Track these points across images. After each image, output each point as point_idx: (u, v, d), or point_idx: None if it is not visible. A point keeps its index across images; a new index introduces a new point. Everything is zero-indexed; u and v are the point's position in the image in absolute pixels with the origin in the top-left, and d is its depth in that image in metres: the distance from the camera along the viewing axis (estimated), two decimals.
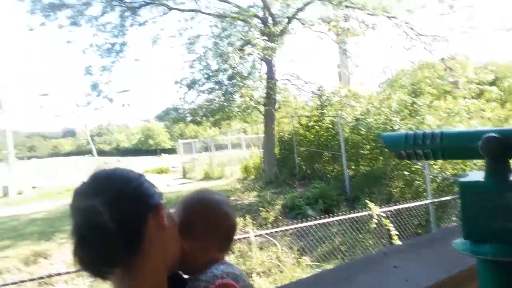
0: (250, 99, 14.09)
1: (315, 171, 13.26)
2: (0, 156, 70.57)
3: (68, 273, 6.92)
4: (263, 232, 7.04)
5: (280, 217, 10.03)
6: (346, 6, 12.42)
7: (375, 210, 7.01)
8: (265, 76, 14.23)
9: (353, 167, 11.86)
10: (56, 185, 29.30)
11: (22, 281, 6.86)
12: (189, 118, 15.62)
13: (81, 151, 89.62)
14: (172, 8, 14.10)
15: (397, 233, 6.95)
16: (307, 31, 13.72)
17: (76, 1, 13.63)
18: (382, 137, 0.90)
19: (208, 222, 1.18)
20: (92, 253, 0.91)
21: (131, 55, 14.77)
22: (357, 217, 7.13)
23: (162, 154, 65.79)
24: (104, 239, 0.89)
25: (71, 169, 46.95)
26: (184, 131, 57.79)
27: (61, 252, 9.36)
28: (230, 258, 6.55)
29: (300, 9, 13.17)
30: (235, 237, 1.26)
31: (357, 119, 11.83)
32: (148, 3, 13.82)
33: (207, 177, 20.15)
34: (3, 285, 6.42)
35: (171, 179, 22.86)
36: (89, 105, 14.88)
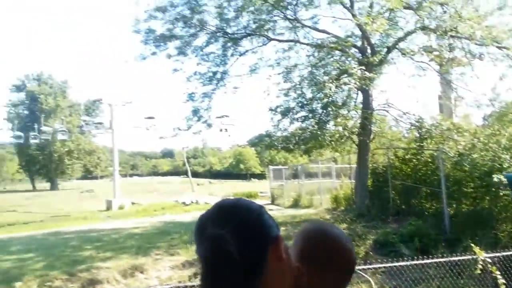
0: (344, 129, 13.94)
1: (411, 207, 12.59)
2: (106, 172, 76.26)
3: None
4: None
5: (371, 253, 9.66)
6: (452, 36, 11.96)
7: (481, 254, 6.49)
8: (361, 106, 14.06)
9: (454, 205, 11.13)
10: (153, 203, 31.01)
11: None
12: (281, 145, 15.77)
13: (177, 172, 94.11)
14: (272, 39, 14.60)
15: (504, 282, 6.37)
16: (408, 61, 13.40)
17: (184, 33, 14.63)
18: (507, 177, 0.89)
19: (330, 254, 1.20)
20: (219, 280, 0.96)
21: (230, 83, 15.37)
22: (458, 260, 6.69)
23: (252, 179, 66.95)
24: (231, 267, 0.95)
25: (167, 188, 49.51)
26: (274, 157, 58.38)
27: (156, 268, 9.83)
28: None
29: (401, 39, 12.93)
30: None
31: (460, 154, 11.17)
32: (249, 34, 14.45)
33: (295, 204, 20.11)
34: None
35: None
36: (189, 129, 15.75)
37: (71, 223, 21.58)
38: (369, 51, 13.32)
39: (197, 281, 8.16)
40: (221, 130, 26.48)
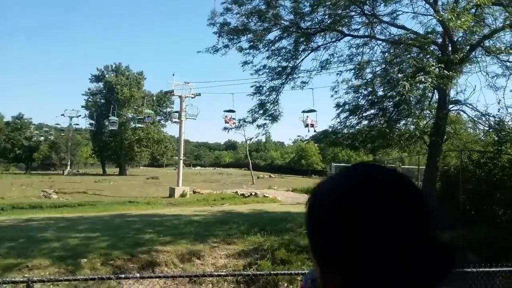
0: (416, 128, 13.27)
1: (482, 213, 11.91)
2: (171, 161, 78.88)
3: (218, 275, 7.30)
4: None
5: None
6: None
7: None
8: (435, 105, 13.31)
9: None
10: (213, 192, 31.56)
11: (179, 276, 7.41)
12: (346, 143, 15.30)
13: (239, 164, 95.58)
14: (346, 34, 14.16)
15: None
16: (492, 59, 12.49)
17: (257, 27, 14.54)
18: None
19: None
20: None
21: (300, 78, 15.11)
22: None
23: (313, 175, 66.28)
24: None
25: (228, 179, 50.28)
26: (337, 154, 57.50)
27: (212, 255, 9.92)
28: None
29: (486, 36, 12.03)
30: None
31: None
32: (323, 30, 14.07)
33: None
34: (164, 276, 6.92)
35: None
36: (255, 122, 15.70)
37: (136, 207, 22.42)
38: (450, 48, 12.55)
39: (251, 271, 8.11)
40: (306, 126, 25.93)
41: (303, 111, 26.34)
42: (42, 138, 71.93)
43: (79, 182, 40.96)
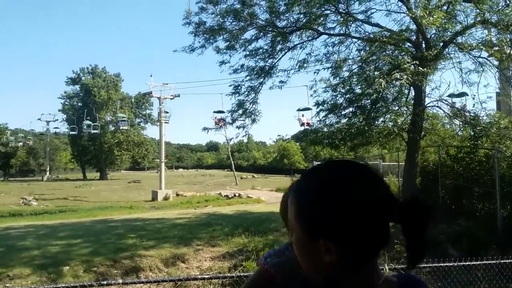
0: (394, 125, 13.47)
1: (461, 207, 12.12)
2: (153, 163, 78.32)
3: (203, 279, 7.30)
4: (398, 266, 6.59)
5: None
6: None
7: None
8: (412, 102, 13.52)
9: (508, 207, 10.67)
10: (196, 194, 31.47)
11: (163, 281, 7.39)
12: (326, 141, 15.42)
13: (221, 165, 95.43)
14: (322, 33, 14.25)
15: None
16: (465, 56, 12.73)
17: (233, 27, 14.56)
18: None
19: None
20: None
21: (278, 77, 15.14)
22: (510, 263, 6.32)
23: (296, 174, 66.51)
24: None
25: (210, 181, 50.16)
26: (319, 153, 57.78)
27: (196, 258, 9.92)
28: None
29: (458, 33, 12.26)
30: None
31: None
32: (299, 28, 14.15)
33: None
34: (147, 281, 6.91)
35: None
36: (234, 123, 15.71)
37: (118, 212, 22.21)
38: (424, 45, 12.76)
39: (236, 273, 8.14)
40: (302, 125, 24.92)
41: (298, 109, 25.69)
42: (21, 143, 70.53)
43: (59, 188, 40.37)
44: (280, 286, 1.27)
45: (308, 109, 24.65)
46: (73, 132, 60.08)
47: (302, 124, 24.44)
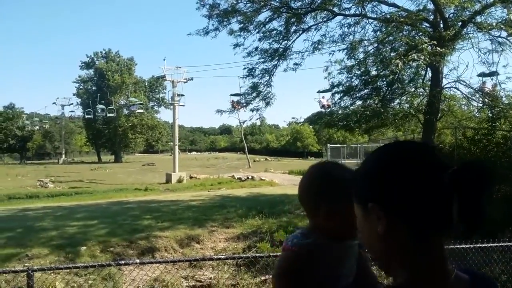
0: (410, 107, 13.27)
1: None
2: (167, 147, 78.86)
3: (218, 259, 7.36)
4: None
5: None
6: None
7: None
8: (429, 83, 13.30)
9: None
10: (210, 177, 31.61)
11: (179, 261, 7.47)
12: (341, 123, 15.28)
13: (234, 148, 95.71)
14: (337, 14, 14.01)
15: None
16: (484, 36, 12.42)
17: (247, 9, 14.37)
18: None
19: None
20: None
21: (292, 59, 14.98)
22: None
23: (309, 157, 66.50)
24: None
25: (224, 164, 50.33)
26: (332, 136, 57.60)
27: (211, 239, 9.99)
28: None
29: (477, 12, 11.95)
30: None
31: None
32: (314, 9, 13.92)
33: None
34: (163, 261, 6.98)
35: None
36: (248, 106, 15.65)
37: (133, 194, 22.44)
38: (441, 25, 12.47)
39: (250, 253, 8.19)
40: (322, 107, 24.27)
41: (319, 91, 24.72)
42: (37, 127, 71.38)
43: (75, 170, 40.88)
44: (310, 266, 1.26)
45: (328, 90, 24.19)
46: (88, 116, 60.62)
47: (323, 106, 24.02)
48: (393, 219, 0.92)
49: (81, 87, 69.41)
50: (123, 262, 5.58)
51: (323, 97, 24.38)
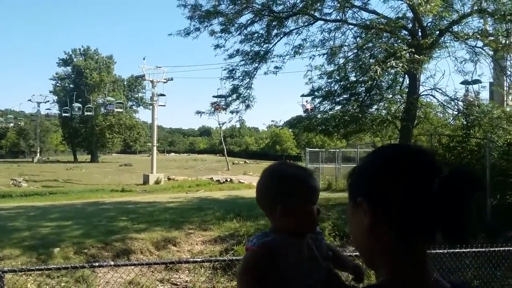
0: (388, 113, 13.47)
1: None
2: (145, 147, 78.12)
3: (195, 262, 7.31)
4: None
5: None
6: (510, 21, 11.19)
7: None
8: (406, 90, 13.52)
9: (498, 196, 10.76)
10: (188, 179, 31.48)
11: (154, 263, 7.39)
12: (320, 128, 15.39)
13: (213, 150, 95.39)
14: (318, 19, 14.12)
15: None
16: (460, 45, 12.71)
17: (229, 10, 14.36)
18: None
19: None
20: None
21: (273, 62, 15.01)
22: (498, 251, 6.38)
23: (288, 160, 66.66)
24: None
25: (202, 166, 50.16)
26: (311, 140, 57.89)
27: (188, 241, 9.92)
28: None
29: (455, 22, 12.22)
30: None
31: (509, 144, 10.58)
32: (295, 13, 14.00)
33: (329, 187, 19.90)
34: (139, 264, 6.88)
35: None
36: (228, 108, 15.62)
37: (109, 195, 22.16)
38: (420, 34, 12.70)
39: (227, 256, 8.16)
40: (305, 111, 24.14)
41: (302, 95, 25.16)
42: (11, 124, 69.73)
43: (50, 170, 40.14)
44: (272, 263, 1.29)
45: (311, 94, 24.21)
46: (65, 114, 59.59)
47: (306, 110, 24.12)
48: (379, 216, 0.96)
49: (58, 84, 68.28)
50: (97, 264, 5.47)
51: (306, 101, 24.43)
